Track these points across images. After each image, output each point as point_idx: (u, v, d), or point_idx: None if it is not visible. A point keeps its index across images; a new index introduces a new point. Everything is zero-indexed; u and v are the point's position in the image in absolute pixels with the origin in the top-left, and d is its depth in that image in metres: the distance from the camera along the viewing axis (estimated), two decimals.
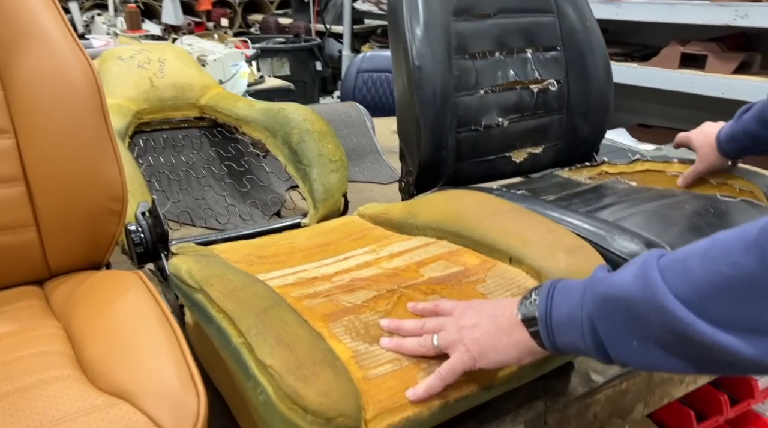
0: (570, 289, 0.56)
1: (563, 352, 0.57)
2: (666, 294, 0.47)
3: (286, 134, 1.16)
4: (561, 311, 0.56)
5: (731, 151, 1.02)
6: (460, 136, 1.10)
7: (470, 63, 1.10)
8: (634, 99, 3.42)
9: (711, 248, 0.47)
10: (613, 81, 1.22)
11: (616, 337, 0.52)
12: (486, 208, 0.85)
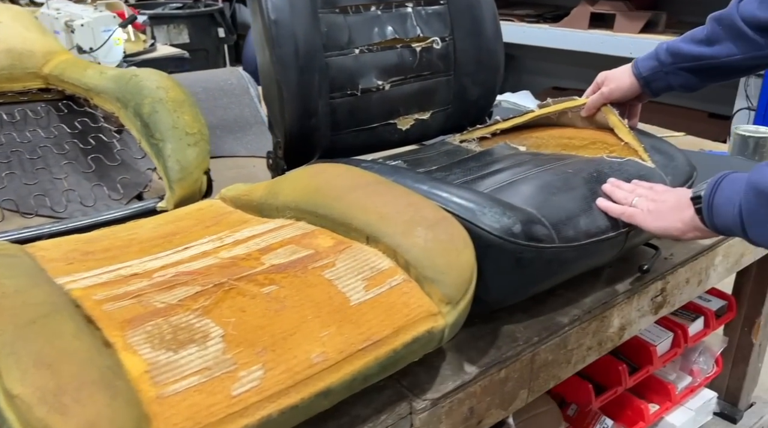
0: (736, 180, 0.67)
1: (719, 230, 0.69)
2: None
3: (137, 105, 1.01)
4: (723, 195, 0.67)
5: (647, 69, 0.95)
6: (334, 101, 0.99)
7: (341, 18, 0.98)
8: (548, 62, 3.40)
9: None
10: (502, 37, 1.13)
11: (759, 220, 0.64)
12: (346, 182, 0.74)
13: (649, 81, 0.95)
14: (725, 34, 0.88)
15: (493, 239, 0.68)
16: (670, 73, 0.94)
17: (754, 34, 0.86)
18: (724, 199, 0.67)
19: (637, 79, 0.96)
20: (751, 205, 0.64)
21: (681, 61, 0.92)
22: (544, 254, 0.70)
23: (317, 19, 0.94)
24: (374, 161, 0.86)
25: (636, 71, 0.96)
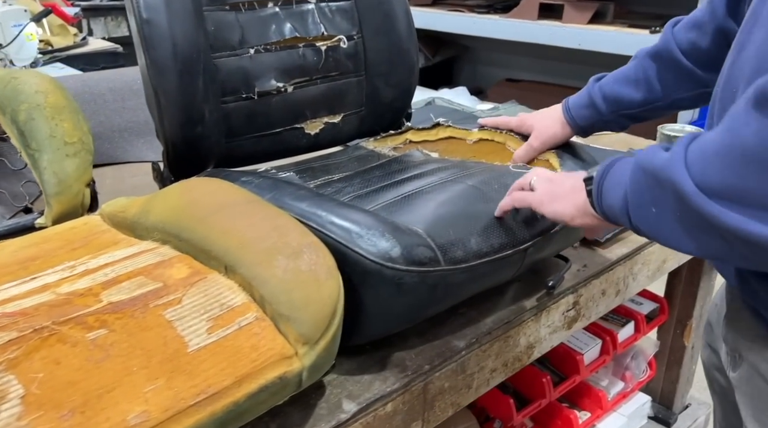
0: (627, 163, 0.60)
1: (607, 216, 0.63)
2: (679, 169, 0.51)
3: (14, 111, 0.92)
4: (613, 178, 0.62)
5: (583, 118, 0.88)
6: (227, 106, 0.91)
7: (232, 16, 0.90)
8: (502, 53, 3.35)
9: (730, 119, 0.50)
10: (415, 35, 1.06)
11: (641, 203, 0.57)
12: (213, 202, 0.67)
13: (585, 128, 0.90)
14: (667, 72, 0.82)
15: (369, 265, 0.62)
16: (610, 122, 0.88)
17: (698, 69, 0.80)
18: (613, 182, 0.61)
19: (572, 128, 0.89)
20: (636, 186, 0.58)
21: (622, 108, 0.86)
22: (427, 279, 0.64)
23: (201, 18, 0.87)
24: (258, 174, 0.79)
25: (571, 121, 0.89)
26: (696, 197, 0.50)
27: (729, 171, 0.48)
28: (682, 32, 0.80)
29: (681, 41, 0.80)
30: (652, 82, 0.83)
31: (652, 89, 0.84)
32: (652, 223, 0.56)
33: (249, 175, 0.79)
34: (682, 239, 0.54)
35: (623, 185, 0.59)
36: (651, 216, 0.56)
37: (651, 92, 0.84)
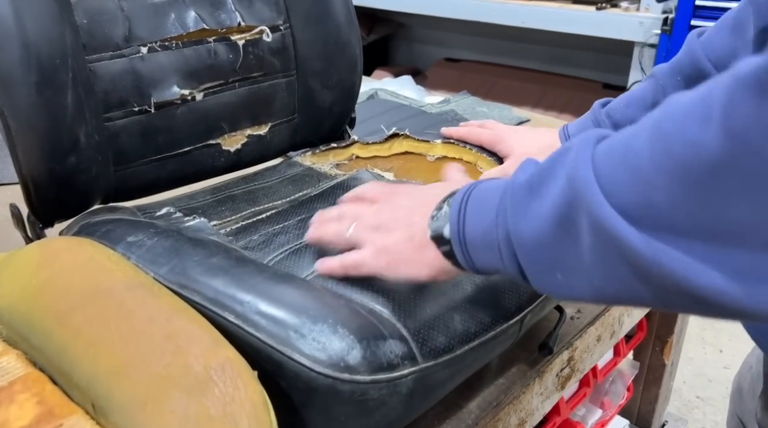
0: (486, 196, 0.44)
1: (483, 273, 0.46)
2: (595, 197, 0.34)
3: None
4: (475, 228, 0.44)
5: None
6: (114, 125, 0.68)
7: (112, 3, 0.67)
8: (440, 31, 3.17)
9: (665, 117, 0.33)
10: (356, 23, 0.86)
11: (540, 267, 0.40)
12: (81, 285, 0.46)
13: None
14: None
15: (317, 379, 0.42)
16: None
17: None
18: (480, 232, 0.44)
19: None
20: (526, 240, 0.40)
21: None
22: (400, 387, 0.45)
23: (67, 7, 0.63)
24: (153, 228, 0.57)
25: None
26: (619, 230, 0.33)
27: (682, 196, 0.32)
28: (713, 39, 0.63)
29: (711, 50, 0.63)
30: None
31: None
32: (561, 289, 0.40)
33: (140, 229, 0.56)
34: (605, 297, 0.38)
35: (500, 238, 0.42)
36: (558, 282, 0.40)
37: None
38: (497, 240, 0.42)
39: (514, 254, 0.41)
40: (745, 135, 0.28)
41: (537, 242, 0.39)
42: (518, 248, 0.41)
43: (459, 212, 0.45)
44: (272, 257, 0.58)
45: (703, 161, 0.30)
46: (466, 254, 0.45)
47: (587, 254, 0.36)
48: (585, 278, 0.37)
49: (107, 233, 0.56)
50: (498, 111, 1.31)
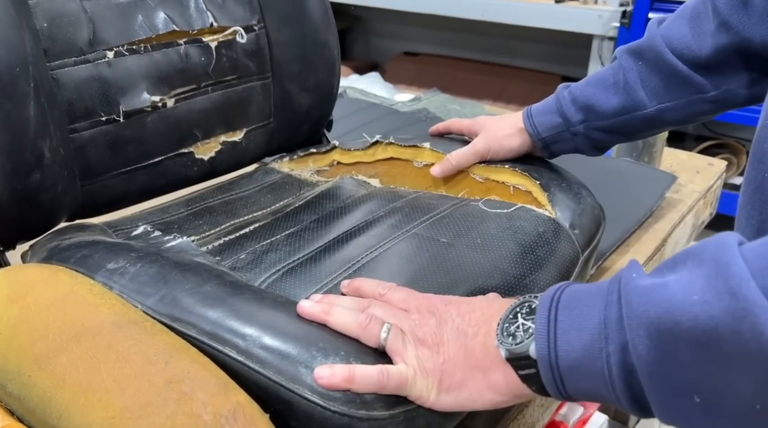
0: (584, 305, 0.36)
1: (577, 400, 0.38)
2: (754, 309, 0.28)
3: None
4: (572, 344, 0.36)
5: (547, 127, 0.69)
6: (80, 136, 0.63)
7: (75, 4, 0.62)
8: (398, 24, 3.14)
9: None
10: (334, 22, 0.82)
11: (671, 389, 0.32)
12: (62, 323, 0.41)
13: (550, 143, 0.70)
14: (651, 74, 0.64)
15: (331, 418, 0.39)
16: (579, 135, 0.69)
17: (691, 71, 0.62)
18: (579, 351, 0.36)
19: (533, 139, 0.70)
20: (657, 361, 0.33)
21: (595, 118, 0.67)
22: (419, 420, 0.42)
23: (26, 10, 0.57)
24: (133, 252, 0.52)
25: (532, 130, 0.70)
26: None
27: None
28: (674, 26, 0.63)
29: (668, 37, 0.63)
30: (632, 85, 0.66)
31: (632, 94, 0.66)
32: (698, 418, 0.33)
33: (119, 254, 0.52)
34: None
35: (611, 354, 0.35)
36: (695, 409, 0.33)
37: (630, 98, 0.66)
38: (605, 357, 0.35)
39: (631, 376, 0.34)
40: None
41: (670, 361, 0.32)
42: (640, 365, 0.33)
43: (548, 324, 0.37)
44: (264, 278, 0.54)
45: None
46: (558, 379, 0.37)
47: (750, 384, 0.30)
48: (743, 406, 0.31)
49: (83, 260, 0.51)
50: (470, 108, 1.29)
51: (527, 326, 0.38)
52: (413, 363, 0.41)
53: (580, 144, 0.70)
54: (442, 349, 0.41)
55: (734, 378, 0.31)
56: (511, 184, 0.67)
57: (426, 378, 0.41)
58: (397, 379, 0.41)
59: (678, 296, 0.32)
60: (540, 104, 0.72)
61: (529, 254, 0.56)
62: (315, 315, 0.44)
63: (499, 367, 0.39)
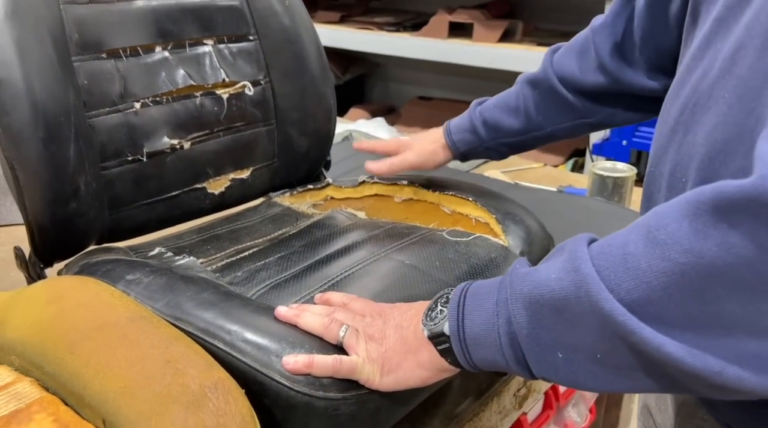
0: (484, 292, 0.48)
1: (481, 369, 0.48)
2: (602, 292, 0.39)
3: None
4: (474, 321, 0.47)
5: (464, 143, 0.81)
6: (109, 173, 0.76)
7: (110, 65, 0.75)
8: (413, 70, 3.29)
9: (656, 228, 0.38)
10: (331, 76, 0.94)
11: (541, 347, 0.43)
12: (87, 319, 0.52)
13: (466, 154, 0.82)
14: (545, 101, 0.75)
15: (295, 397, 0.49)
16: (490, 149, 0.81)
17: (576, 100, 0.73)
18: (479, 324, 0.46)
19: (452, 151, 0.82)
20: (530, 327, 0.43)
21: (502, 136, 0.79)
22: (369, 403, 0.52)
23: (71, 70, 0.71)
24: (148, 267, 0.64)
25: (452, 146, 0.82)
26: (629, 324, 0.37)
27: (678, 295, 0.37)
28: (563, 59, 0.74)
29: (561, 69, 0.74)
30: (530, 110, 0.77)
31: (530, 118, 0.77)
32: (562, 370, 0.43)
33: (136, 268, 0.63)
34: (609, 381, 0.42)
35: (500, 325, 0.45)
36: (558, 362, 0.43)
37: (529, 121, 0.78)
38: (497, 329, 0.45)
39: (514, 341, 0.44)
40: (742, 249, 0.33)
41: (539, 325, 0.42)
42: (519, 331, 0.43)
43: (458, 307, 0.48)
44: (255, 291, 0.65)
45: (699, 267, 0.35)
46: (465, 350, 0.47)
47: (590, 336, 0.40)
48: (588, 356, 0.40)
49: (108, 273, 0.63)
50: None
51: (443, 311, 0.49)
52: (363, 354, 0.51)
53: (491, 155, 0.82)
54: (385, 341, 0.51)
55: (579, 332, 0.41)
56: (474, 216, 0.77)
57: (372, 364, 0.51)
58: (348, 365, 0.51)
59: (543, 276, 0.43)
60: (457, 122, 0.83)
61: (479, 275, 0.66)
62: (288, 318, 0.55)
63: (424, 346, 0.49)
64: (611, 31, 0.68)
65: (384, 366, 0.51)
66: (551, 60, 0.75)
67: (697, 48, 0.49)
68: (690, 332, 0.36)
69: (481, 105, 0.82)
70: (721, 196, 0.34)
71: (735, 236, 0.34)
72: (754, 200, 0.33)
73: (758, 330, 0.35)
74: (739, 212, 0.34)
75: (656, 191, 0.53)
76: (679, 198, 0.38)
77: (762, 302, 0.35)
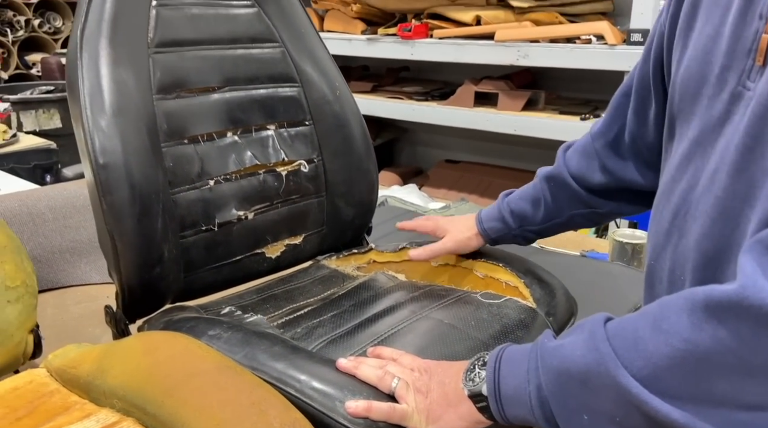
0: (516, 359, 0.57)
1: (513, 423, 0.57)
2: (619, 369, 0.48)
3: None
4: (508, 384, 0.56)
5: (494, 231, 0.91)
6: (186, 241, 0.87)
7: (191, 149, 0.88)
8: (439, 135, 3.45)
9: (661, 318, 0.48)
10: (374, 154, 1.07)
11: (568, 411, 0.52)
12: (182, 368, 0.62)
13: (496, 240, 0.93)
14: (561, 194, 0.86)
15: None
16: (517, 236, 0.91)
17: (586, 194, 0.84)
18: (514, 386, 0.56)
19: (484, 239, 0.92)
20: (559, 394, 0.53)
21: (527, 224, 0.89)
22: None
23: (160, 155, 0.84)
24: (224, 324, 0.75)
25: (484, 234, 0.92)
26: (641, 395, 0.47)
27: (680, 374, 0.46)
28: (573, 158, 0.84)
29: (571, 167, 0.84)
30: (549, 202, 0.87)
31: (549, 208, 0.87)
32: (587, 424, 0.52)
33: (216, 325, 0.74)
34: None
35: (531, 391, 0.54)
36: (584, 423, 0.52)
37: (549, 211, 0.87)
38: (528, 393, 0.54)
39: (544, 404, 0.53)
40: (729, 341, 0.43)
41: (566, 393, 0.52)
42: (549, 397, 0.53)
43: (494, 372, 0.57)
44: (315, 345, 0.75)
45: (696, 353, 0.45)
46: (500, 408, 0.56)
47: (609, 403, 0.49)
48: (609, 418, 0.49)
49: (192, 329, 0.74)
50: None
51: (481, 373, 0.59)
52: (412, 404, 0.61)
53: (518, 241, 0.92)
54: (430, 395, 0.61)
55: (601, 400, 0.50)
56: (504, 280, 0.87)
57: (419, 414, 0.60)
58: (400, 412, 0.60)
59: (568, 352, 0.52)
60: (487, 212, 0.93)
61: (510, 334, 0.75)
62: (347, 369, 0.65)
63: (464, 402, 0.59)
64: (607, 137, 0.80)
65: (429, 417, 0.60)
66: (564, 158, 0.86)
67: (679, 162, 0.60)
68: (690, 404, 0.46)
69: (507, 197, 0.92)
70: (711, 298, 0.45)
71: (723, 330, 0.44)
72: (737, 304, 0.43)
73: (745, 404, 0.45)
74: (725, 312, 0.44)
75: (657, 282, 0.62)
76: (679, 295, 0.48)
77: (746, 382, 0.45)
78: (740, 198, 0.51)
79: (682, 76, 0.60)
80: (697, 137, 0.57)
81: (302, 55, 1.00)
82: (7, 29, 4.36)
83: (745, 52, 0.53)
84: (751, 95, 0.51)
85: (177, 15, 0.87)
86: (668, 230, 0.61)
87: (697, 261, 0.55)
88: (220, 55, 0.91)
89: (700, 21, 0.59)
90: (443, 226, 0.94)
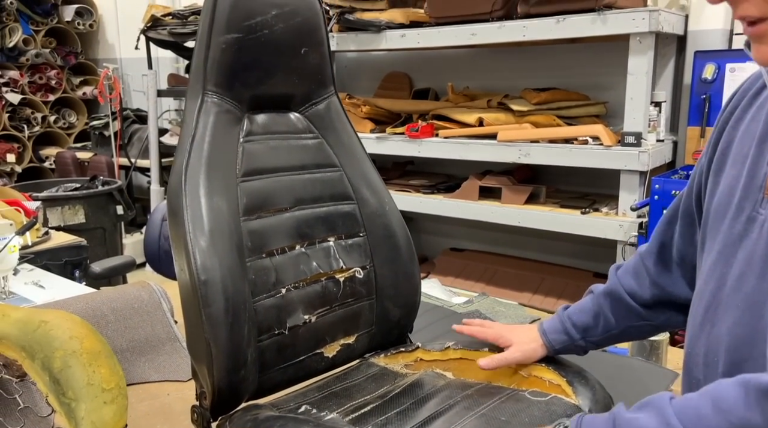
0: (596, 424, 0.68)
1: None
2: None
3: (46, 358, 0.95)
4: None
5: (559, 343, 1.01)
6: (262, 344, 0.98)
7: (268, 261, 1.00)
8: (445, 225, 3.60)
9: (719, 399, 0.60)
10: (416, 259, 1.19)
11: None
12: None
13: (559, 351, 1.03)
14: (616, 308, 0.98)
15: None
16: (579, 347, 1.02)
17: (640, 308, 0.96)
18: None
19: (548, 349, 1.02)
20: None
21: (588, 335, 1.00)
22: None
23: (245, 269, 0.96)
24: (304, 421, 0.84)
25: (549, 345, 1.01)
26: None
27: None
28: (625, 276, 0.98)
29: (625, 285, 0.97)
30: (608, 315, 0.99)
31: (608, 321, 0.99)
32: None
33: (302, 424, 0.84)
34: None
35: None
36: None
37: (607, 323, 0.99)
38: None
39: None
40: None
41: None
42: None
43: None
44: None
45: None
46: None
47: None
48: None
49: (282, 427, 0.83)
50: (513, 309, 1.62)
51: None
52: None
53: (578, 351, 1.02)
54: None
55: None
56: (547, 379, 0.97)
57: None
58: None
59: (644, 423, 0.64)
60: (549, 324, 1.04)
61: None
62: None
63: None
64: (655, 256, 0.94)
65: None
66: (617, 275, 0.99)
67: (709, 269, 0.76)
68: None
69: (566, 311, 1.03)
70: (761, 384, 0.58)
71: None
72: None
73: None
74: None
75: (694, 367, 0.75)
76: (734, 379, 0.61)
77: None
78: (765, 294, 0.66)
79: (714, 205, 0.78)
80: (722, 249, 0.74)
81: (357, 177, 1.14)
82: (24, 126, 4.57)
83: (757, 188, 0.73)
84: (764, 218, 0.70)
85: (260, 148, 1.02)
86: (701, 323, 0.75)
87: (729, 344, 0.69)
88: (291, 180, 1.05)
89: (728, 165, 0.78)
90: (507, 336, 1.04)
